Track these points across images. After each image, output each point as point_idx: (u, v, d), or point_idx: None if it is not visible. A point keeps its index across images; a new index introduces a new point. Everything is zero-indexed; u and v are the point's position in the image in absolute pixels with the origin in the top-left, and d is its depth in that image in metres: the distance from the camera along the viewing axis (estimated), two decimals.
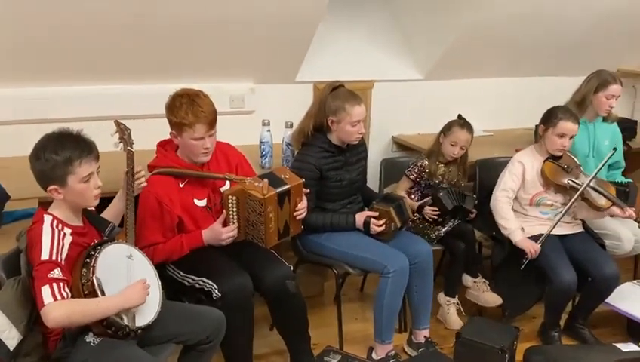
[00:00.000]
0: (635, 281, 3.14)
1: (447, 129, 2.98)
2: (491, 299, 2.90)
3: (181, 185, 2.33)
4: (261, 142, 2.98)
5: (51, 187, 1.83)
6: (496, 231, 2.98)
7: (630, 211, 2.74)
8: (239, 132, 3.19)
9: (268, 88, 3.40)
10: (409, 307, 2.78)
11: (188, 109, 2.21)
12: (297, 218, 2.45)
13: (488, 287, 2.93)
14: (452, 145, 2.94)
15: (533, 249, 2.75)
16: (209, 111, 2.25)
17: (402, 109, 3.79)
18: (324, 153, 2.65)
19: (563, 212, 2.79)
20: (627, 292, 2.96)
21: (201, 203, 2.37)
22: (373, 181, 3.50)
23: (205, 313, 2.12)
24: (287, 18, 2.95)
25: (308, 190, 2.48)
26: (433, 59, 3.69)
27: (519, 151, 3.06)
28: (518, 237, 2.81)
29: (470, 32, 3.48)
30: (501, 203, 2.89)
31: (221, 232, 2.30)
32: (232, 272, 2.24)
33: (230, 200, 2.30)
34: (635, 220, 2.78)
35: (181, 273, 2.34)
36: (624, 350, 2.71)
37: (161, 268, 2.31)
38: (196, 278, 2.27)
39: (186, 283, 2.31)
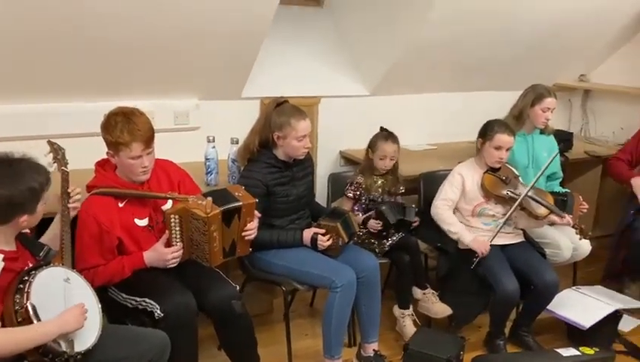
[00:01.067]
0: (574, 287, 3.25)
1: (372, 145, 3.04)
2: (441, 309, 2.93)
3: (121, 205, 2.28)
4: (206, 159, 2.95)
5: None
6: (441, 241, 3.04)
7: (567, 218, 2.83)
8: (184, 149, 3.16)
9: (213, 104, 3.38)
10: (358, 321, 2.79)
11: (123, 128, 2.17)
12: (246, 238, 2.42)
13: (438, 298, 2.97)
14: (381, 159, 3.01)
15: (484, 248, 2.81)
16: (145, 130, 2.21)
17: (349, 124, 3.82)
18: (271, 169, 2.64)
19: (503, 221, 2.87)
20: (566, 299, 3.06)
21: (143, 222, 2.32)
22: (321, 196, 3.53)
23: (148, 335, 2.07)
24: (232, 33, 2.94)
25: (259, 214, 2.46)
26: (379, 75, 3.75)
27: (460, 163, 3.13)
28: (469, 238, 2.87)
29: (414, 49, 3.56)
30: (442, 210, 2.95)
31: (165, 253, 2.25)
32: (174, 291, 2.20)
33: (173, 220, 2.26)
34: (573, 226, 2.87)
35: (123, 295, 2.28)
36: (565, 355, 2.78)
37: (102, 291, 2.25)
38: (138, 299, 2.22)
39: (129, 305, 2.25)
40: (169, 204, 2.37)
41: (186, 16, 2.76)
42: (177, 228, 2.28)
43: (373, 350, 2.75)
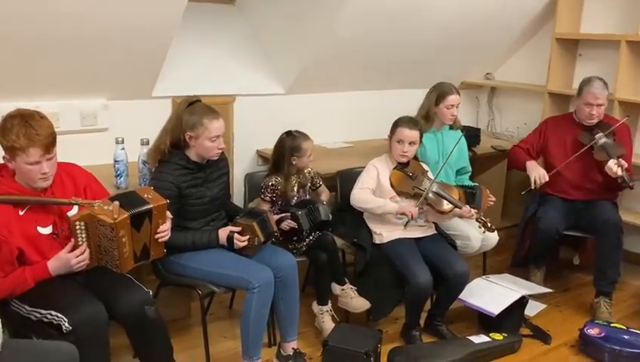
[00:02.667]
0: (483, 277, 3.39)
1: (293, 147, 2.99)
2: (360, 304, 2.97)
3: (21, 213, 2.14)
4: (115, 161, 2.84)
5: None
6: (357, 237, 3.08)
7: (470, 211, 2.94)
8: (92, 151, 3.05)
9: (122, 104, 3.26)
10: (276, 320, 2.78)
11: (20, 132, 2.04)
12: (159, 240, 2.36)
13: (356, 293, 3.01)
14: (308, 157, 3.03)
15: (413, 211, 2.88)
16: (45, 134, 2.10)
17: (265, 123, 3.80)
18: (183, 170, 2.58)
19: (407, 219, 2.93)
20: (477, 288, 3.20)
21: (46, 230, 2.20)
22: (238, 196, 3.49)
23: (54, 349, 1.96)
24: (141, 31, 2.85)
25: (171, 216, 2.40)
26: (293, 73, 3.76)
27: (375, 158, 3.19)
28: (395, 206, 2.94)
29: (327, 47, 3.59)
30: (359, 194, 2.99)
31: (69, 258, 2.15)
32: (83, 302, 2.10)
33: (78, 226, 2.16)
34: (477, 220, 2.96)
35: (27, 307, 2.15)
36: (476, 342, 2.92)
37: (4, 304, 2.13)
38: (43, 312, 2.10)
39: (33, 317, 2.13)
40: (75, 211, 2.26)
41: (92, 12, 2.64)
42: (84, 235, 2.18)
43: (293, 348, 2.75)
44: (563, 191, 3.52)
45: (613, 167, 3.23)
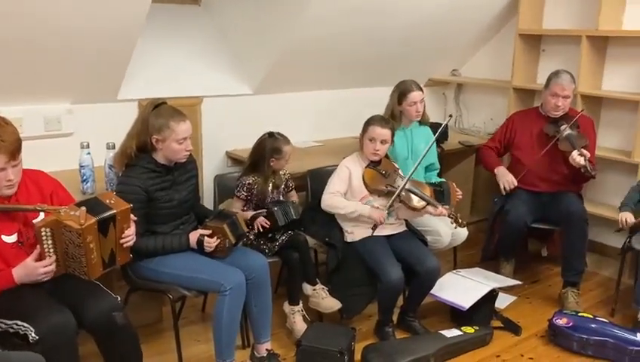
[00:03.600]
0: (454, 271, 3.44)
1: (274, 150, 3.01)
2: (331, 304, 2.98)
3: None
4: (81, 167, 2.79)
5: None
6: (329, 236, 3.09)
7: (441, 209, 2.98)
8: (57, 156, 3.01)
9: (87, 108, 3.21)
10: (249, 322, 2.77)
11: None
12: (125, 245, 2.33)
13: (328, 293, 3.02)
14: (286, 161, 3.05)
15: (382, 217, 2.89)
16: (10, 141, 2.05)
17: (234, 124, 3.79)
18: (150, 174, 2.55)
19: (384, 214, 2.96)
20: (448, 282, 3.24)
21: (11, 239, 2.15)
22: (208, 198, 3.47)
23: (22, 359, 1.92)
24: (103, 33, 2.81)
25: (135, 218, 2.37)
26: (261, 73, 3.74)
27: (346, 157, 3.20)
28: (367, 210, 2.94)
29: (294, 48, 3.59)
30: (331, 198, 3.00)
31: (35, 267, 2.11)
32: (50, 310, 2.06)
33: (44, 233, 2.11)
34: (449, 216, 2.99)
35: None
36: (448, 336, 2.96)
37: None
38: (9, 322, 2.05)
39: None
40: (41, 217, 2.21)
41: (53, 14, 2.60)
42: (50, 242, 2.14)
43: (267, 350, 2.74)
44: (530, 184, 3.58)
45: (577, 157, 3.30)
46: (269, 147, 3.01)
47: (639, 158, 3.69)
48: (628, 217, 3.20)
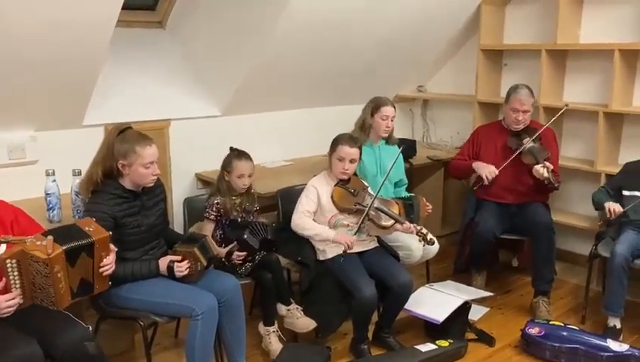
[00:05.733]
0: (427, 285, 3.46)
1: (227, 165, 3.02)
2: (305, 324, 2.97)
3: None
4: (47, 194, 2.75)
5: None
6: (301, 255, 3.09)
7: (409, 226, 2.98)
8: (21, 185, 2.97)
9: (52, 135, 3.18)
10: (223, 345, 2.74)
11: None
12: (104, 274, 2.29)
13: (302, 313, 3.00)
14: (239, 177, 3.00)
15: (349, 240, 2.88)
16: None
17: (203, 145, 3.78)
18: (117, 199, 2.52)
19: (353, 232, 2.95)
20: (421, 296, 3.25)
21: None
22: (178, 221, 3.44)
23: None
24: (67, 58, 2.78)
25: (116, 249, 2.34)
26: (228, 95, 3.75)
27: (314, 176, 3.21)
28: (332, 235, 2.94)
29: (260, 69, 3.61)
30: (300, 220, 3.00)
31: None
32: (15, 343, 2.01)
33: (9, 265, 2.06)
34: (417, 234, 2.98)
35: None
36: (423, 350, 2.97)
37: None
38: None
39: None
40: (3, 249, 2.15)
41: (16, 40, 2.56)
42: (16, 273, 2.09)
43: None
44: (497, 196, 3.64)
45: (540, 169, 3.38)
46: (225, 162, 3.03)
47: (601, 167, 3.79)
48: (616, 207, 3.20)
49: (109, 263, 2.29)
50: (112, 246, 2.32)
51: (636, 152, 3.64)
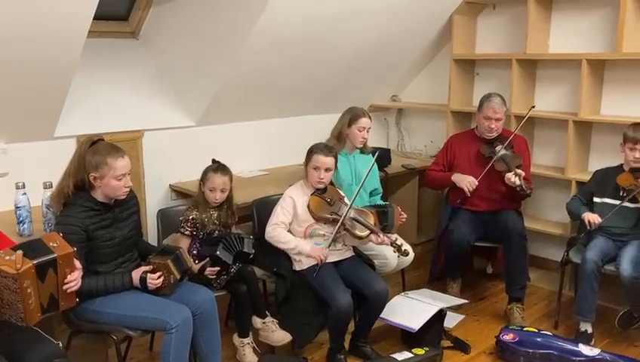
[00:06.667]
0: (403, 294, 3.47)
1: (203, 177, 3.02)
2: (281, 337, 2.96)
3: None
4: (17, 208, 2.70)
5: None
6: (277, 266, 3.08)
7: (384, 238, 3.00)
8: None
9: (23, 147, 3.13)
10: (198, 358, 2.71)
11: None
12: (68, 291, 2.24)
13: (277, 326, 2.99)
14: (211, 190, 2.99)
15: (322, 255, 2.90)
16: None
17: (177, 156, 3.76)
18: (89, 212, 2.48)
19: (328, 243, 2.98)
20: (397, 305, 3.26)
21: None
22: (152, 233, 3.41)
23: None
24: (37, 70, 2.75)
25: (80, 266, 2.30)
26: (202, 104, 3.74)
27: (290, 186, 3.21)
28: (308, 248, 2.95)
29: (235, 79, 3.60)
30: (275, 232, 3.00)
31: None
32: None
33: None
34: (391, 245, 2.99)
35: None
36: (399, 359, 2.98)
37: None
38: None
39: None
40: None
41: None
42: None
43: None
44: (471, 204, 3.68)
45: (512, 176, 3.43)
46: (203, 173, 3.03)
47: (572, 174, 3.86)
48: (594, 218, 3.25)
49: (73, 280, 2.24)
50: (77, 263, 2.27)
51: (605, 160, 3.72)
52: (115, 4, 3.55)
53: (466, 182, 3.58)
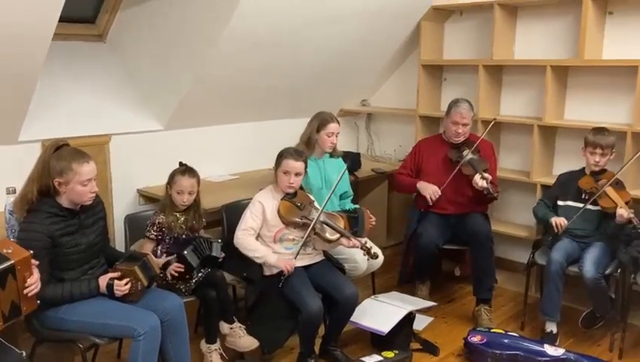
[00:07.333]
0: (372, 297, 3.50)
1: (170, 180, 3.00)
2: (248, 343, 2.94)
3: None
4: None
5: None
6: (247, 271, 3.07)
7: (354, 241, 3.02)
8: None
9: None
10: None
11: None
12: (29, 294, 2.20)
13: (245, 332, 2.98)
14: (178, 193, 2.97)
15: (289, 266, 2.90)
16: None
17: (145, 161, 3.72)
18: (54, 218, 2.44)
19: (298, 248, 2.98)
20: (367, 308, 3.28)
21: None
22: (119, 239, 3.36)
23: None
24: (2, 73, 2.69)
25: (37, 262, 2.25)
26: (171, 109, 3.71)
27: (260, 191, 3.21)
28: (274, 259, 2.94)
29: (203, 83, 3.59)
30: (244, 238, 2.99)
31: None
32: None
33: None
34: (361, 248, 3.01)
35: None
36: None
37: None
38: None
39: None
40: None
41: None
42: None
43: None
44: (439, 207, 3.72)
45: (479, 180, 3.49)
46: (170, 176, 3.00)
47: (537, 178, 3.94)
48: (561, 221, 3.33)
49: (33, 283, 2.20)
50: (34, 262, 2.22)
51: (568, 163, 3.81)
52: (82, 6, 3.50)
53: (430, 191, 3.64)
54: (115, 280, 2.48)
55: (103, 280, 2.50)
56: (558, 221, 3.34)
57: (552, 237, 3.42)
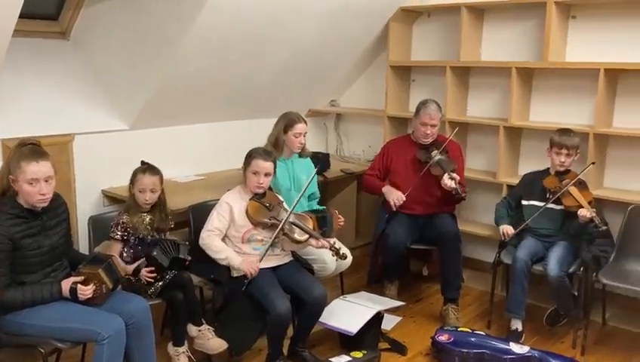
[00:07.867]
0: (341, 297, 3.50)
1: (132, 179, 2.96)
2: (217, 345, 2.91)
3: None
4: None
5: None
6: (214, 272, 3.03)
7: (323, 242, 3.02)
8: None
9: None
10: None
11: None
12: None
13: (213, 334, 2.94)
14: (141, 192, 2.92)
15: (252, 269, 2.87)
16: None
17: (110, 161, 3.64)
18: (16, 220, 2.37)
19: (265, 249, 2.96)
20: (336, 309, 3.28)
21: None
22: (83, 241, 3.29)
23: None
24: None
25: None
26: (136, 108, 3.64)
27: (228, 191, 3.17)
28: (238, 261, 2.91)
29: (169, 82, 3.54)
30: (209, 239, 2.96)
31: None
32: None
33: None
34: (330, 249, 3.01)
35: None
36: None
37: None
38: None
39: None
40: None
41: None
42: None
43: None
44: (407, 208, 3.74)
45: (448, 181, 3.52)
46: (132, 175, 2.96)
47: (503, 178, 4.00)
48: (508, 230, 3.44)
49: None
50: None
51: (533, 164, 3.88)
52: (44, 3, 3.41)
53: (394, 196, 3.66)
54: (79, 285, 2.42)
55: (66, 284, 2.44)
56: (505, 229, 3.45)
57: (515, 236, 3.48)
